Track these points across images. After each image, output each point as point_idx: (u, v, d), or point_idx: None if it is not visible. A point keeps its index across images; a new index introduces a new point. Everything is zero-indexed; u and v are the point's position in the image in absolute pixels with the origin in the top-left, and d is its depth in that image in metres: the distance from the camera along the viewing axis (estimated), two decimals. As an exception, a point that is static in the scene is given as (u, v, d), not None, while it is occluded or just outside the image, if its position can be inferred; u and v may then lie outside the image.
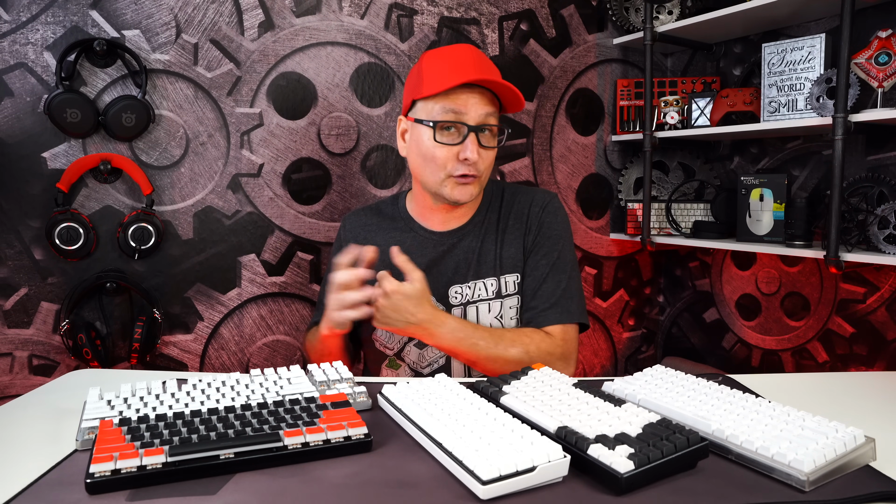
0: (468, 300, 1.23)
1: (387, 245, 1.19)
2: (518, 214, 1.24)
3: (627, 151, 2.27)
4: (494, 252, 1.24)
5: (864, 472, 0.71)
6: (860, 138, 1.74)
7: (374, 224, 1.30)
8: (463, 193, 1.14)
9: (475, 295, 1.23)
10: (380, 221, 1.30)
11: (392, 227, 1.28)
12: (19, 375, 1.64)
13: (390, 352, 1.26)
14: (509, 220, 1.25)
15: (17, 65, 1.57)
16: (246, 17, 1.74)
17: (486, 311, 1.23)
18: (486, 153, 1.14)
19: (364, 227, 1.30)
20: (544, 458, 0.67)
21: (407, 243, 1.23)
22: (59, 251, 1.58)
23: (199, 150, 1.73)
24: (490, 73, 1.11)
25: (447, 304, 1.23)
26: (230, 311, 1.80)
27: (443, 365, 1.24)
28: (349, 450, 0.76)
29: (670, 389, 0.89)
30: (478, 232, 1.26)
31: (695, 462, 0.72)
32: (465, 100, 1.10)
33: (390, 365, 1.28)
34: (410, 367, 1.26)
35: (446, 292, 1.23)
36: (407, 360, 1.26)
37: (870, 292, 1.77)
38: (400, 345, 1.25)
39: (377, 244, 1.19)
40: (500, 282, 1.24)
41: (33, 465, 0.73)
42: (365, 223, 1.30)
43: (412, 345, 1.24)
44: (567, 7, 2.10)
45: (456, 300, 1.23)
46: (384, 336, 1.25)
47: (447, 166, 1.12)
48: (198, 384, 0.92)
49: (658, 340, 2.42)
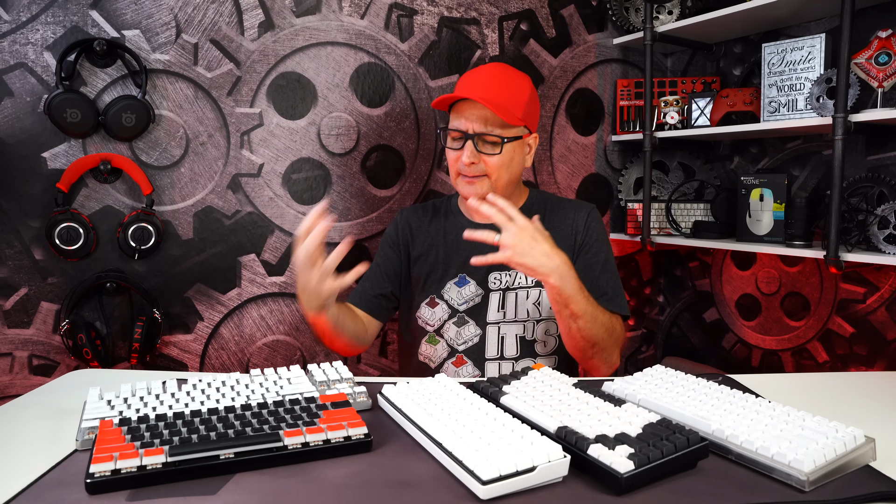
0: (508, 286, 1.35)
1: (437, 234, 1.41)
2: (563, 217, 1.38)
3: (627, 151, 2.27)
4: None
5: (864, 472, 0.71)
6: (860, 138, 1.74)
7: (428, 216, 1.44)
8: (469, 190, 1.28)
9: (515, 282, 1.35)
10: (434, 214, 1.44)
11: (444, 220, 1.43)
12: (19, 375, 1.64)
13: (431, 328, 1.39)
14: (555, 221, 1.37)
15: (17, 65, 1.57)
16: (246, 17, 1.74)
17: (524, 297, 1.35)
18: (489, 158, 1.26)
19: (419, 218, 1.44)
20: (544, 458, 0.67)
21: (454, 232, 1.39)
22: (59, 251, 1.58)
23: (199, 150, 1.73)
24: (486, 93, 1.23)
25: (486, 289, 1.35)
26: (230, 311, 1.80)
27: (477, 343, 1.36)
28: (349, 450, 0.76)
29: (670, 389, 0.89)
30: None
31: (695, 462, 0.72)
32: (468, 113, 1.26)
33: (430, 340, 1.39)
34: (448, 344, 1.37)
35: (486, 277, 1.35)
36: (445, 337, 1.37)
37: (870, 292, 1.77)
38: (440, 322, 1.37)
39: (430, 233, 1.42)
40: None
41: (33, 465, 0.73)
42: (420, 215, 1.45)
43: (451, 322, 1.36)
44: (567, 7, 2.10)
45: (495, 285, 1.35)
46: (427, 314, 1.38)
47: (456, 166, 1.29)
48: (198, 384, 0.92)
49: (658, 340, 2.42)
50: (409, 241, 1.42)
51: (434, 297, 1.38)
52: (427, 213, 1.45)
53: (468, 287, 1.36)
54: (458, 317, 1.36)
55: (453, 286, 1.37)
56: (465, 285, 1.36)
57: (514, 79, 1.30)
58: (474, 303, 1.36)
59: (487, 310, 1.35)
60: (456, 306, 1.36)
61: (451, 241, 1.39)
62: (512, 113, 1.24)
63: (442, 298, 1.37)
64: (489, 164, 1.26)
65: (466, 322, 1.36)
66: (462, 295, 1.36)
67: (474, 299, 1.35)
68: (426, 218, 1.44)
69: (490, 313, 1.35)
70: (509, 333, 1.35)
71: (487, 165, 1.26)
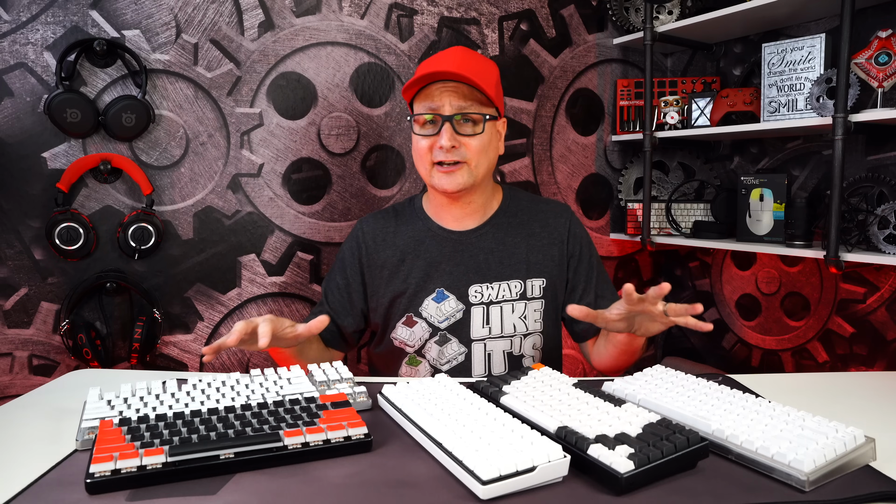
0: (491, 300, 1.27)
1: (406, 244, 1.27)
2: (543, 223, 1.32)
3: (627, 151, 2.27)
4: (521, 256, 1.29)
5: (864, 472, 0.71)
6: (860, 138, 1.74)
7: (392, 225, 1.32)
8: (449, 182, 1.19)
9: (498, 296, 1.27)
10: (398, 223, 1.32)
11: (410, 227, 1.31)
12: (19, 375, 1.64)
13: (410, 349, 1.29)
14: (535, 228, 1.30)
15: (17, 65, 1.57)
16: (246, 17, 1.74)
17: (509, 311, 1.27)
18: (469, 140, 1.18)
19: (383, 228, 1.32)
20: (544, 458, 0.67)
21: (426, 242, 1.28)
22: (59, 251, 1.58)
23: (199, 150, 1.73)
24: (460, 69, 1.14)
25: (467, 303, 1.26)
26: (230, 311, 1.80)
27: (462, 362, 1.27)
28: (349, 450, 0.76)
29: (670, 389, 0.89)
30: (497, 233, 1.30)
31: (695, 462, 0.72)
32: (440, 95, 1.16)
33: (410, 362, 1.31)
34: (430, 364, 1.29)
35: (466, 291, 1.26)
36: (427, 357, 1.29)
37: (870, 292, 1.77)
38: (421, 342, 1.28)
39: (396, 245, 1.28)
40: (525, 284, 1.28)
41: (33, 465, 0.73)
42: (383, 225, 1.32)
43: (433, 342, 1.27)
44: (567, 7, 2.10)
45: (476, 299, 1.26)
46: (405, 334, 1.28)
47: (429, 156, 1.19)
48: (198, 384, 0.92)
49: (658, 340, 2.42)
50: (373, 255, 1.30)
51: (411, 316, 1.27)
52: (390, 221, 1.32)
53: (448, 302, 1.26)
54: (440, 335, 1.26)
55: (431, 302, 1.26)
56: (444, 300, 1.26)
57: (482, 58, 1.23)
58: (455, 319, 1.26)
59: (471, 326, 1.26)
60: (436, 324, 1.26)
61: (425, 251, 1.27)
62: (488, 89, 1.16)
63: (420, 316, 1.26)
64: (470, 147, 1.17)
65: (449, 340, 1.26)
66: (442, 311, 1.26)
67: (455, 315, 1.26)
68: (390, 226, 1.31)
69: (474, 329, 1.26)
70: (496, 350, 1.27)
71: (468, 149, 1.17)
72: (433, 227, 1.30)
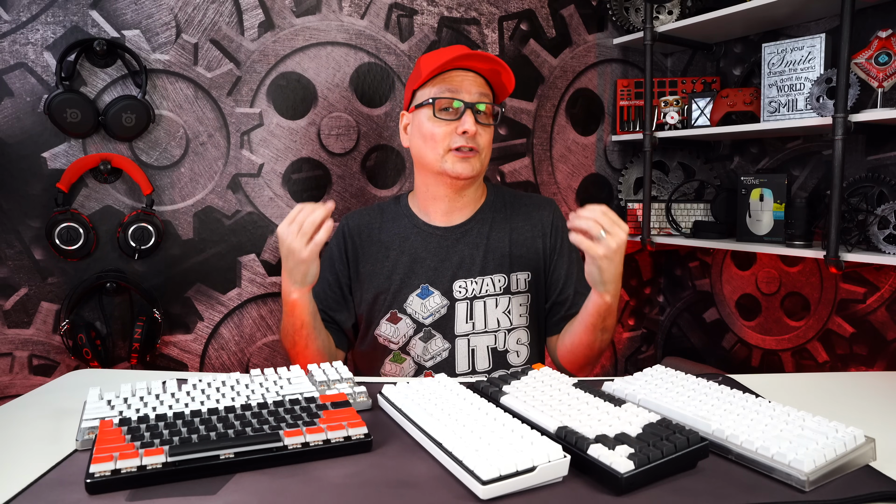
0: (475, 295, 1.27)
1: (391, 240, 1.28)
2: (527, 217, 1.32)
3: (627, 151, 2.27)
4: (504, 250, 1.29)
5: (864, 472, 0.71)
6: (860, 138, 1.74)
7: (377, 221, 1.33)
8: (465, 167, 1.21)
9: (482, 290, 1.28)
10: (383, 219, 1.33)
11: (395, 224, 1.32)
12: (19, 375, 1.64)
13: (395, 346, 1.29)
14: (518, 222, 1.31)
15: (17, 65, 1.57)
16: (246, 17, 1.74)
17: (493, 305, 1.28)
18: (484, 130, 1.22)
19: (368, 224, 1.33)
20: (544, 458, 0.67)
21: (411, 238, 1.29)
22: (59, 251, 1.58)
23: (199, 150, 1.73)
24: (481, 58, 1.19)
25: (451, 299, 1.26)
26: (230, 311, 1.80)
27: (446, 358, 1.27)
28: (349, 450, 0.76)
29: (670, 389, 0.89)
30: (482, 228, 1.31)
31: (695, 462, 0.72)
32: (461, 80, 1.19)
33: (394, 359, 1.30)
34: (414, 361, 1.29)
35: (450, 286, 1.27)
36: (412, 354, 1.28)
37: (870, 292, 1.77)
38: (405, 339, 1.28)
39: (382, 241, 1.28)
40: (509, 279, 1.29)
41: (33, 465, 0.73)
42: (368, 221, 1.33)
43: (417, 338, 1.27)
44: (567, 7, 2.10)
45: (460, 294, 1.27)
46: (389, 331, 1.28)
47: (446, 141, 1.20)
48: (198, 384, 0.92)
49: (658, 340, 2.42)
50: (358, 252, 1.31)
51: (396, 312, 1.27)
52: (375, 217, 1.33)
53: (432, 298, 1.26)
54: (425, 331, 1.27)
55: (416, 298, 1.26)
56: (429, 296, 1.27)
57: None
58: (440, 315, 1.26)
59: (455, 321, 1.26)
60: (421, 320, 1.26)
61: (409, 247, 1.28)
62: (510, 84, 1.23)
63: (405, 313, 1.27)
64: (483, 137, 1.21)
65: (433, 336, 1.26)
66: (426, 307, 1.26)
67: (440, 311, 1.26)
68: (375, 222, 1.32)
69: (458, 325, 1.26)
70: (480, 345, 1.27)
71: (481, 139, 1.21)
72: (419, 224, 1.31)
